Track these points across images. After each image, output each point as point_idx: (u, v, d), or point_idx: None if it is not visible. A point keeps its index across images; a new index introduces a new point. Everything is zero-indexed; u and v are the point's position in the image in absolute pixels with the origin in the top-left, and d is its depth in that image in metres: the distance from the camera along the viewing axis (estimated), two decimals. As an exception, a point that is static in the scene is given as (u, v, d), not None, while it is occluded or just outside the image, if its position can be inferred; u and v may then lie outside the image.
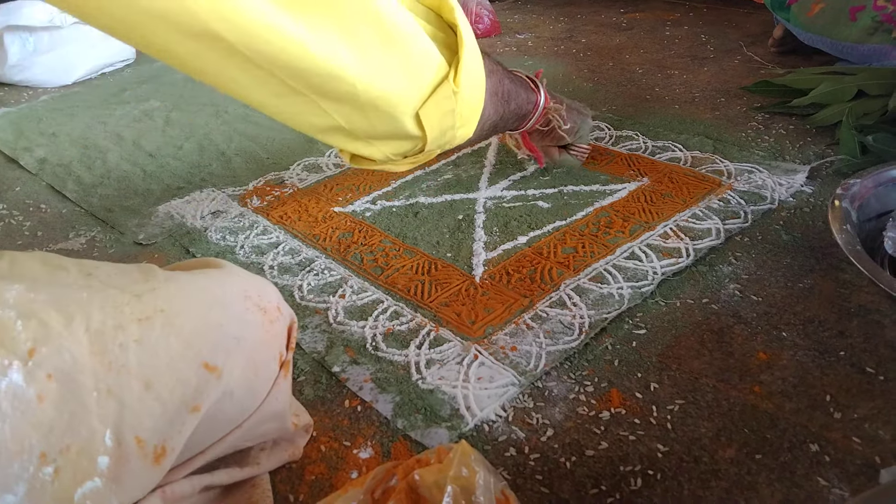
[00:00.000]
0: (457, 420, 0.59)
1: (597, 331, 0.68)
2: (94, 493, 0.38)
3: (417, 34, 0.55)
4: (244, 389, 0.46)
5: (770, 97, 1.23)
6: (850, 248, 0.68)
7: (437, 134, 0.60)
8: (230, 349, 0.45)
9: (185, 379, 0.42)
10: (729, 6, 1.90)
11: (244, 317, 0.47)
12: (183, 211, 0.97)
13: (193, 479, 0.47)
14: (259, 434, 0.51)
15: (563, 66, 1.51)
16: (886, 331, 0.66)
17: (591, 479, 0.53)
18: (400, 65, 0.55)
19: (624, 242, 0.82)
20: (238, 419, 0.47)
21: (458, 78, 0.58)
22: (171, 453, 0.41)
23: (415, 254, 0.83)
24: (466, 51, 0.59)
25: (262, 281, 0.52)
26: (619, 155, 1.05)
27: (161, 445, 0.41)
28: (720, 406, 0.59)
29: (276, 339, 0.50)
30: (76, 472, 0.37)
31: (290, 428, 0.54)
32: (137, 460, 0.40)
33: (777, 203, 0.89)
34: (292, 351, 0.52)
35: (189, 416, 0.42)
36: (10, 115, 1.40)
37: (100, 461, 0.38)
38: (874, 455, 0.54)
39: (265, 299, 0.50)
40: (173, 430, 0.41)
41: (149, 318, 0.42)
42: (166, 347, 0.42)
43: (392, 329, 0.70)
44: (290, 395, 0.53)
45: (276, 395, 0.49)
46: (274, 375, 0.49)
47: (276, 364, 0.50)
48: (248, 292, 0.49)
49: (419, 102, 0.58)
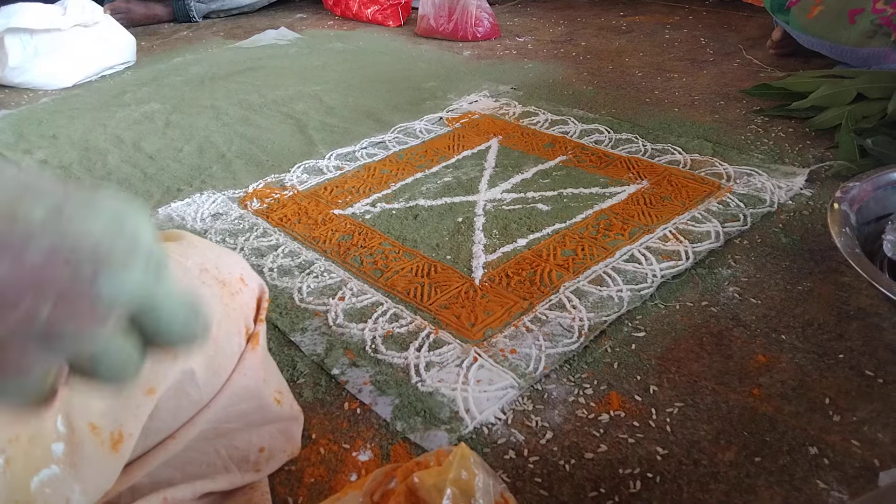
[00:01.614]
0: (456, 422, 0.59)
1: (596, 333, 0.68)
2: (52, 481, 0.37)
3: None
4: (205, 367, 0.44)
5: (769, 100, 1.23)
6: (849, 251, 0.68)
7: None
8: None
9: None
10: (728, 9, 1.90)
11: (199, 291, 0.45)
12: (183, 213, 0.97)
13: (195, 484, 0.47)
14: (237, 414, 0.49)
15: (562, 70, 1.51)
16: (885, 333, 0.66)
17: (590, 481, 0.53)
18: None
19: (623, 245, 0.82)
20: (203, 399, 0.45)
21: None
22: (128, 439, 0.40)
23: (414, 256, 0.83)
24: None
25: (224, 252, 0.50)
26: (619, 158, 1.05)
27: (118, 431, 0.40)
28: (719, 409, 0.59)
29: (240, 312, 0.48)
30: (29, 461, 0.37)
31: (273, 405, 0.52)
32: (94, 446, 0.39)
33: (776, 206, 0.89)
34: (262, 322, 0.50)
35: (144, 399, 0.41)
36: (10, 118, 1.40)
37: (54, 448, 0.38)
38: (873, 458, 0.54)
39: (224, 271, 0.48)
40: (128, 413, 0.40)
41: None
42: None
43: (391, 331, 0.70)
44: (263, 370, 0.50)
45: (243, 371, 0.47)
46: (239, 350, 0.47)
47: (241, 338, 0.48)
48: (204, 264, 0.47)
49: None
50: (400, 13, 2.01)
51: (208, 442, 0.48)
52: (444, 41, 1.80)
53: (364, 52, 1.75)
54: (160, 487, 0.45)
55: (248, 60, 1.71)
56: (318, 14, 2.21)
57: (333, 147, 1.15)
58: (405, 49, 1.76)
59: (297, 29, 2.01)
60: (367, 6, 2.05)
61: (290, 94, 1.43)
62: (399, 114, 1.29)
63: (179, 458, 0.46)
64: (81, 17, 1.60)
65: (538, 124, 1.19)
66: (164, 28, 2.12)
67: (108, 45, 1.66)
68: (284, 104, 1.38)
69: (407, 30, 1.96)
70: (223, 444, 0.50)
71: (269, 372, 0.53)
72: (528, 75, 1.48)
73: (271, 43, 1.87)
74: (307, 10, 2.27)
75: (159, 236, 0.50)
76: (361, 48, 1.79)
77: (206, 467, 0.49)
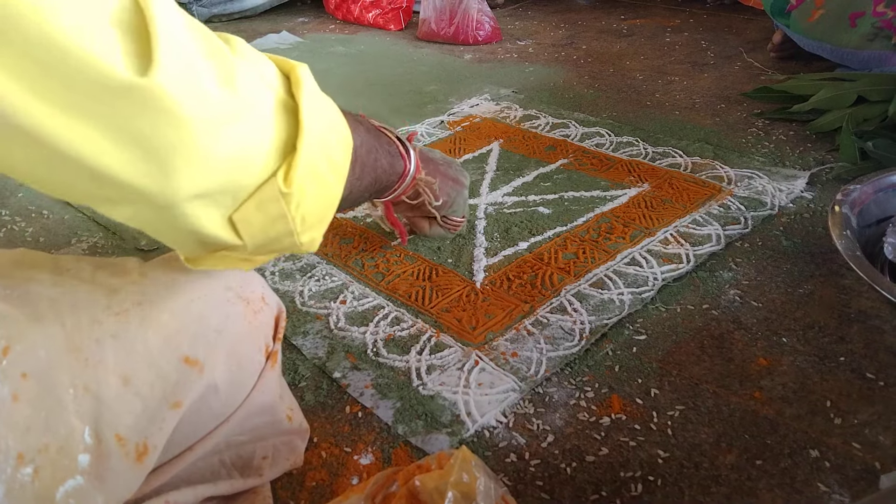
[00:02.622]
0: (457, 426, 0.59)
1: (597, 336, 0.68)
2: (76, 492, 0.37)
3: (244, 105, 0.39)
4: (228, 383, 0.45)
5: (770, 103, 1.23)
6: (850, 254, 0.68)
7: (261, 241, 0.43)
8: (211, 342, 0.44)
9: (165, 374, 0.41)
10: (729, 12, 1.90)
11: (225, 308, 0.46)
12: (185, 217, 0.97)
13: (197, 488, 0.47)
14: (251, 428, 0.50)
15: (563, 73, 1.51)
16: (886, 336, 0.66)
17: (591, 484, 0.54)
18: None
19: (624, 248, 0.82)
20: (224, 413, 0.46)
21: (290, 176, 0.41)
22: (153, 451, 0.41)
23: (415, 259, 0.83)
24: (307, 143, 0.42)
25: (245, 271, 0.50)
26: (620, 161, 1.05)
27: (143, 443, 0.40)
28: (720, 412, 0.59)
29: (261, 330, 0.49)
30: (56, 471, 0.37)
31: (285, 421, 0.53)
32: (119, 458, 0.39)
33: (777, 209, 0.89)
34: (280, 341, 0.51)
35: (170, 413, 0.41)
36: (13, 122, 1.41)
37: (80, 459, 0.38)
38: (874, 461, 0.54)
39: (248, 289, 0.48)
40: (154, 426, 0.41)
41: (125, 311, 0.41)
42: (144, 342, 0.41)
43: (393, 335, 0.70)
44: (279, 387, 0.52)
45: (262, 388, 0.48)
46: (259, 367, 0.48)
47: (262, 355, 0.49)
48: (229, 283, 0.47)
49: (232, 202, 0.40)
50: (401, 17, 2.02)
51: (216, 453, 0.49)
52: (446, 45, 1.81)
53: (365, 55, 1.76)
54: (163, 491, 0.46)
55: (249, 64, 1.71)
56: (320, 18, 2.21)
57: (335, 151, 1.15)
58: (406, 53, 1.76)
59: (299, 33, 2.01)
60: (369, 10, 2.05)
61: (292, 98, 1.43)
62: (400, 117, 1.29)
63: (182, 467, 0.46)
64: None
65: (539, 128, 1.20)
66: (166, 32, 2.13)
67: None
68: (286, 108, 1.38)
69: (408, 33, 1.97)
70: (228, 454, 0.51)
71: (284, 389, 0.55)
72: (529, 79, 1.48)
73: (273, 47, 1.88)
74: (309, 13, 2.28)
75: (179, 255, 0.51)
76: (363, 52, 1.79)
77: (209, 474, 0.49)
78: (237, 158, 0.38)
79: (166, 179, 0.36)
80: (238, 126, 0.38)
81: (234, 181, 0.39)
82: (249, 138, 0.39)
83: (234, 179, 0.39)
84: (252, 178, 0.40)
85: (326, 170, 0.46)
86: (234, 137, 0.37)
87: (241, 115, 0.38)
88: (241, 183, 0.40)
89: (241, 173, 0.39)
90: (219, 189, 0.39)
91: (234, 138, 0.37)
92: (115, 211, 0.38)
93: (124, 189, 0.35)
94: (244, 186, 0.40)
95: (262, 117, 0.40)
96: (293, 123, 0.42)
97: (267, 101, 0.40)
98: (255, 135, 0.39)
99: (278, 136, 0.41)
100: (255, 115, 0.39)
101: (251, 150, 0.39)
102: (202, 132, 0.35)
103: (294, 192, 0.42)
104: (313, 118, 0.43)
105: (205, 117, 0.35)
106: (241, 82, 0.38)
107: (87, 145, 0.33)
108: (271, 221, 0.42)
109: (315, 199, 0.45)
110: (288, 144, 0.42)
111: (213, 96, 0.36)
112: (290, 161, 0.41)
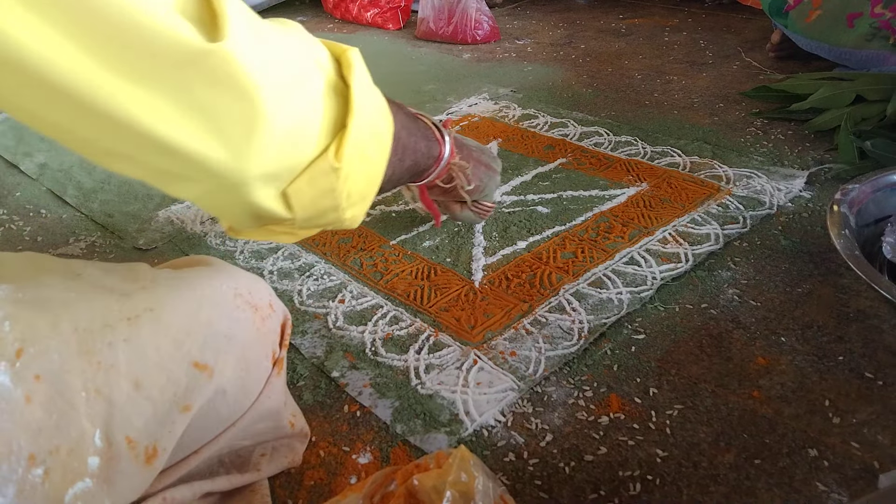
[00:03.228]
0: (456, 425, 0.59)
1: (596, 336, 0.68)
2: (85, 494, 0.38)
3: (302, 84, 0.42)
4: (236, 388, 0.46)
5: (769, 102, 1.23)
6: (849, 254, 0.68)
7: (310, 214, 0.46)
8: (221, 348, 0.45)
9: (176, 378, 0.42)
10: (727, 12, 1.90)
11: (235, 314, 0.47)
12: (183, 216, 0.97)
13: (194, 485, 0.47)
14: (254, 433, 0.51)
15: (562, 72, 1.51)
16: (885, 336, 0.66)
17: (590, 484, 0.53)
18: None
19: (623, 247, 0.82)
20: (231, 418, 0.47)
21: (340, 152, 0.43)
22: (162, 454, 0.41)
23: (414, 259, 0.83)
24: (356, 121, 0.44)
25: (254, 278, 0.51)
26: (618, 160, 1.05)
27: (152, 446, 0.41)
28: (719, 411, 0.59)
29: (269, 337, 0.50)
30: (66, 473, 0.37)
31: (287, 426, 0.54)
32: (128, 461, 0.39)
33: (776, 208, 0.89)
34: (286, 348, 0.52)
35: (180, 416, 0.42)
36: (10, 121, 1.41)
37: (90, 462, 0.38)
38: (873, 460, 0.54)
39: (256, 296, 0.49)
40: (164, 430, 0.41)
41: (137, 317, 0.42)
42: (155, 346, 0.42)
43: (391, 334, 0.70)
44: (284, 394, 0.53)
45: (269, 394, 0.49)
46: (267, 373, 0.49)
47: (269, 362, 0.50)
48: (238, 290, 0.48)
49: (289, 177, 0.43)
50: (400, 16, 2.02)
51: (218, 454, 0.49)
52: (444, 44, 1.81)
53: (364, 55, 1.75)
54: (160, 489, 0.45)
55: (248, 63, 1.71)
56: (319, 17, 2.21)
57: (333, 150, 1.15)
58: (405, 52, 1.76)
59: (297, 32, 2.01)
60: (367, 9, 2.05)
61: (290, 97, 1.43)
62: (399, 116, 1.29)
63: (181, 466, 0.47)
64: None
65: (538, 127, 1.20)
66: (164, 31, 2.12)
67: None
68: (284, 107, 1.38)
69: (406, 33, 1.96)
70: (229, 455, 0.51)
71: (288, 396, 0.55)
72: (528, 78, 1.48)
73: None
74: (307, 13, 2.28)
75: (191, 261, 0.51)
76: (361, 51, 1.79)
77: (206, 470, 0.49)
78: (296, 131, 0.41)
79: (237, 156, 0.37)
80: (296, 99, 0.40)
81: (294, 155, 0.41)
82: (306, 112, 0.41)
83: (295, 153, 0.41)
84: (308, 152, 0.43)
85: (373, 149, 0.49)
86: (293, 110, 0.40)
87: (299, 87, 0.41)
88: (300, 157, 0.42)
89: (300, 147, 0.42)
90: (282, 164, 0.41)
91: (293, 111, 0.40)
92: (176, 186, 0.39)
93: (192, 164, 0.36)
94: (301, 161, 0.42)
95: (315, 92, 0.42)
96: (342, 103, 0.45)
97: (318, 79, 0.43)
98: (311, 109, 0.42)
99: (329, 114, 0.44)
100: (309, 90, 0.42)
101: (308, 124, 0.42)
102: (268, 101, 0.37)
103: (343, 166, 0.44)
104: (363, 99, 0.46)
105: (270, 86, 0.37)
106: (297, 58, 0.41)
107: (156, 116, 0.34)
108: (321, 195, 0.45)
109: (361, 175, 0.48)
110: (338, 123, 0.44)
111: (275, 68, 0.38)
112: (341, 137, 0.44)
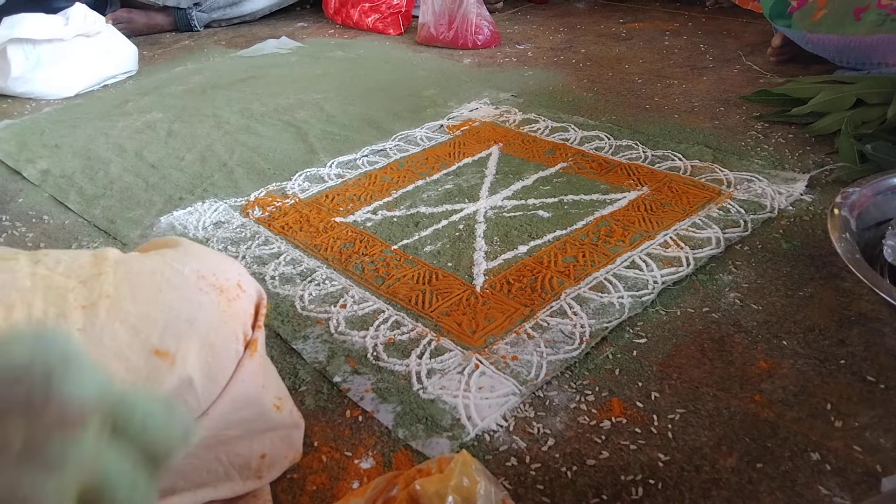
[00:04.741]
0: (458, 430, 0.59)
1: (597, 340, 0.68)
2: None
3: None
4: (203, 375, 0.44)
5: (769, 106, 1.24)
6: (850, 257, 0.68)
7: None
8: (182, 333, 0.43)
9: (135, 367, 0.41)
10: (727, 16, 1.91)
11: (197, 298, 0.45)
12: (185, 222, 0.98)
13: (197, 492, 0.47)
14: (239, 420, 0.49)
15: (562, 77, 1.51)
16: (886, 339, 0.66)
17: (592, 488, 0.53)
18: None
19: (624, 251, 0.82)
20: (202, 406, 0.45)
21: None
22: None
23: (415, 263, 0.83)
24: None
25: (221, 258, 0.50)
26: (619, 164, 1.05)
27: None
28: (721, 415, 0.59)
29: (237, 319, 0.47)
30: None
31: (273, 411, 0.51)
32: None
33: (776, 212, 0.89)
34: (260, 329, 0.49)
35: None
36: (13, 127, 1.41)
37: None
38: (875, 463, 0.54)
39: (222, 277, 0.47)
40: None
41: (93, 304, 0.41)
42: (112, 335, 0.40)
43: (393, 339, 0.70)
44: (262, 376, 0.50)
45: (242, 377, 0.47)
46: (237, 357, 0.47)
47: (239, 345, 0.47)
48: (201, 272, 0.47)
49: None
50: (400, 22, 2.02)
51: (209, 449, 0.48)
52: (445, 49, 1.81)
53: (365, 60, 1.76)
54: (163, 496, 0.46)
55: (249, 69, 1.71)
56: (319, 23, 2.22)
57: (335, 155, 1.16)
58: (406, 57, 1.77)
59: (299, 38, 2.02)
60: (368, 15, 2.06)
61: (292, 103, 1.44)
62: (400, 121, 1.29)
63: (181, 466, 0.46)
64: (83, 28, 1.60)
65: (538, 131, 1.20)
66: (165, 37, 2.13)
67: (110, 54, 1.67)
68: (286, 113, 1.38)
69: (407, 38, 1.97)
70: (224, 451, 0.50)
71: (269, 378, 0.53)
72: (529, 83, 1.49)
73: (272, 52, 1.88)
74: (308, 18, 2.28)
75: (159, 244, 0.50)
76: (362, 56, 1.80)
77: (207, 474, 0.49)
78: None
79: None
80: None
81: None
82: None
83: None
84: None
85: None
86: None
87: None
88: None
89: None
90: None
91: None
92: None
93: None
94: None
95: None
96: None
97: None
98: None
99: None
100: None
101: None
102: None
103: None
104: None
105: None
106: None
107: None
108: None
109: None
110: None
111: None
112: None
